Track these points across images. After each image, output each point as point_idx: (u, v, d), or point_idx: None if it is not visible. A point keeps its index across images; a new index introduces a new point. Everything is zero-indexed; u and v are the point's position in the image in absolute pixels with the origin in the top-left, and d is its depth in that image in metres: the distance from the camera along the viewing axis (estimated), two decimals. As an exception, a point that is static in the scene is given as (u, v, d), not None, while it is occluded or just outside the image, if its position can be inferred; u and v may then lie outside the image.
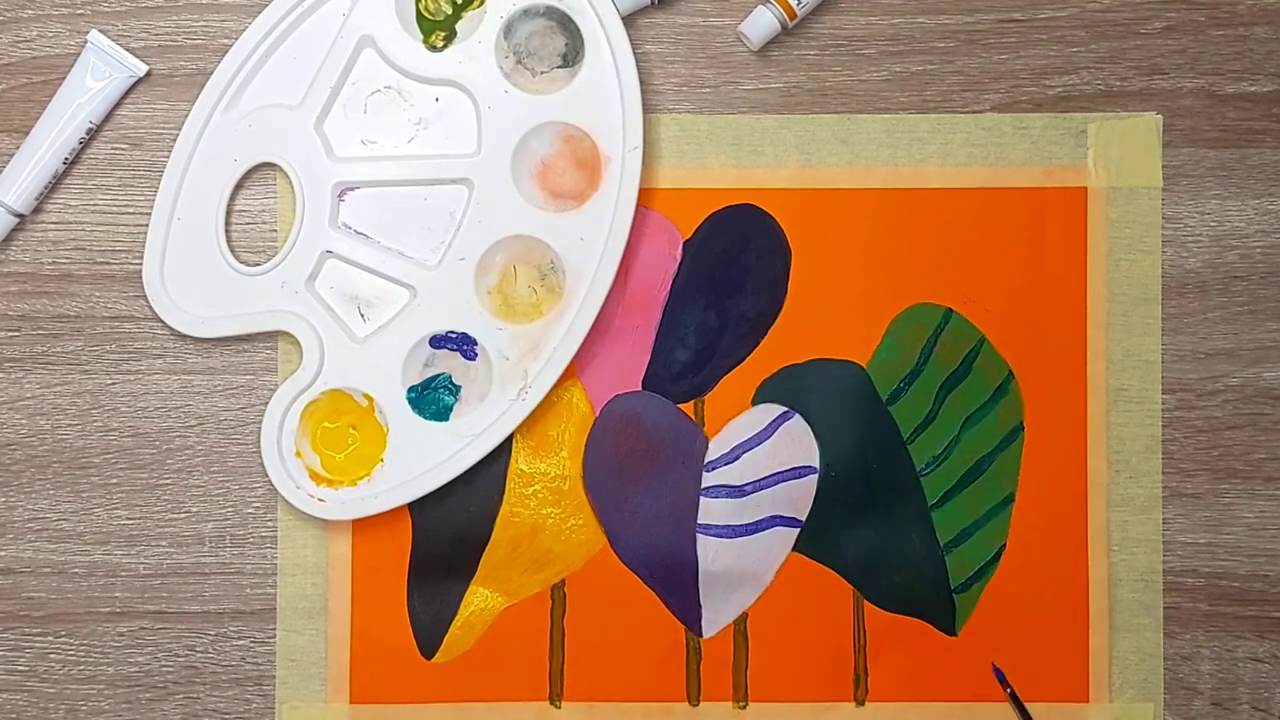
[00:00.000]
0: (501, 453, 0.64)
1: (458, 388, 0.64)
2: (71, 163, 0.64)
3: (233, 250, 0.64)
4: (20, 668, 0.64)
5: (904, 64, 0.65)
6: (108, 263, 0.64)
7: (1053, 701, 0.65)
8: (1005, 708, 0.64)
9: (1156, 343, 0.65)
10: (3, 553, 0.64)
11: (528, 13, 0.63)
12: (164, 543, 0.65)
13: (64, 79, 0.64)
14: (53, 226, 0.65)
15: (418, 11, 0.64)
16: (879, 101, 0.65)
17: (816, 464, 0.65)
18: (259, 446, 0.64)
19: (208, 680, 0.65)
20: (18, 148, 0.63)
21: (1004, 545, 0.65)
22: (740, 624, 0.65)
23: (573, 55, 0.64)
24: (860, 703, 0.65)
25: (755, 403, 0.65)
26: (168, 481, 0.65)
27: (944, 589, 0.65)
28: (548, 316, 0.63)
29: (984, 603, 0.65)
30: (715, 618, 0.65)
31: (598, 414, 0.65)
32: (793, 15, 0.64)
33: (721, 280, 0.65)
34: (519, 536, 0.65)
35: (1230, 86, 0.65)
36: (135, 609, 0.64)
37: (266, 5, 0.64)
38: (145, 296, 0.64)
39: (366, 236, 0.64)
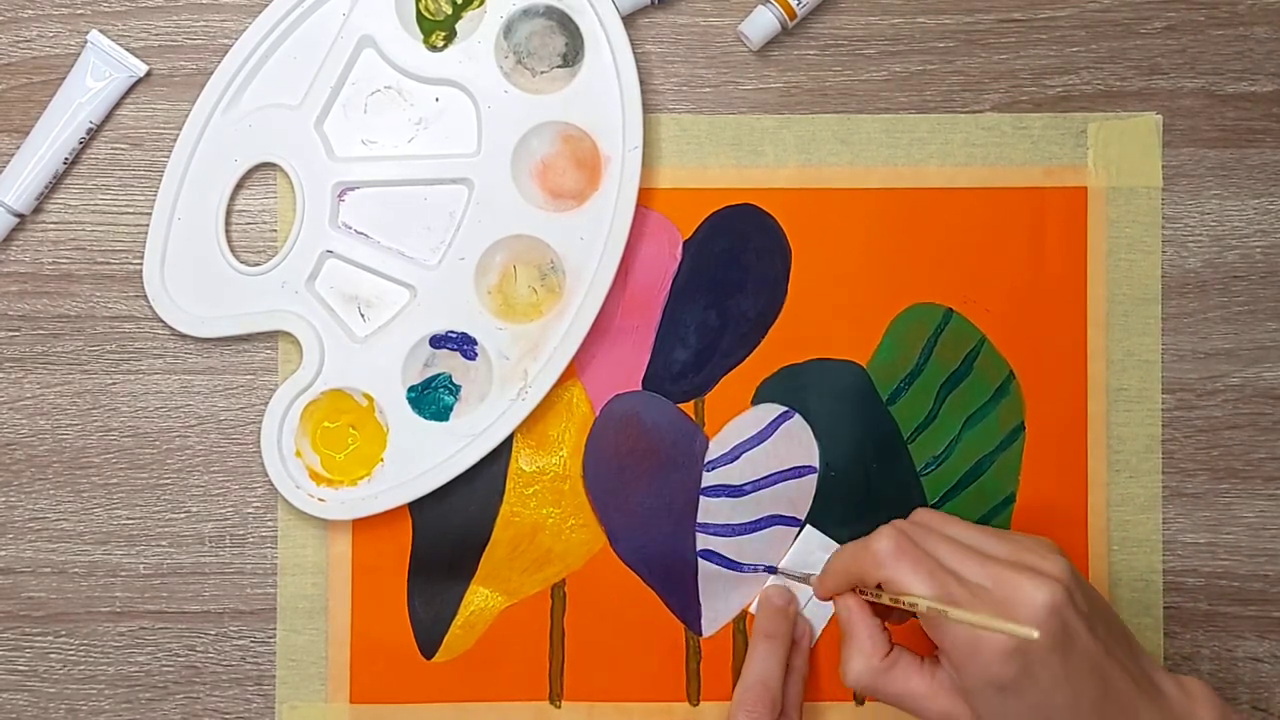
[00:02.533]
0: (501, 452, 0.64)
1: (458, 388, 0.64)
2: (71, 163, 0.64)
3: (233, 250, 0.64)
4: (20, 668, 0.64)
5: (904, 64, 0.65)
6: (108, 263, 0.64)
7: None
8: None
9: (1156, 343, 0.65)
10: (3, 553, 0.64)
11: (528, 12, 0.63)
12: (164, 543, 0.65)
13: (64, 79, 0.64)
14: (53, 226, 0.65)
15: (418, 11, 0.64)
16: (879, 101, 0.65)
17: (816, 464, 0.65)
18: (259, 446, 0.64)
19: (208, 680, 0.65)
20: (18, 148, 0.63)
21: (1004, 545, 0.65)
22: (740, 623, 0.65)
23: (573, 55, 0.64)
24: (860, 702, 0.65)
25: (755, 403, 0.65)
26: (168, 481, 0.65)
27: (944, 589, 0.65)
28: (548, 316, 0.63)
29: (984, 602, 0.65)
30: (715, 616, 0.65)
31: (598, 414, 0.65)
32: (793, 15, 0.64)
33: (721, 280, 0.65)
34: (519, 536, 0.65)
35: (1230, 86, 0.65)
36: (135, 609, 0.64)
37: (266, 5, 0.64)
38: (145, 296, 0.64)
39: (366, 236, 0.64)
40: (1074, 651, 0.52)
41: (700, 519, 0.65)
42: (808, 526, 0.64)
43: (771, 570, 0.65)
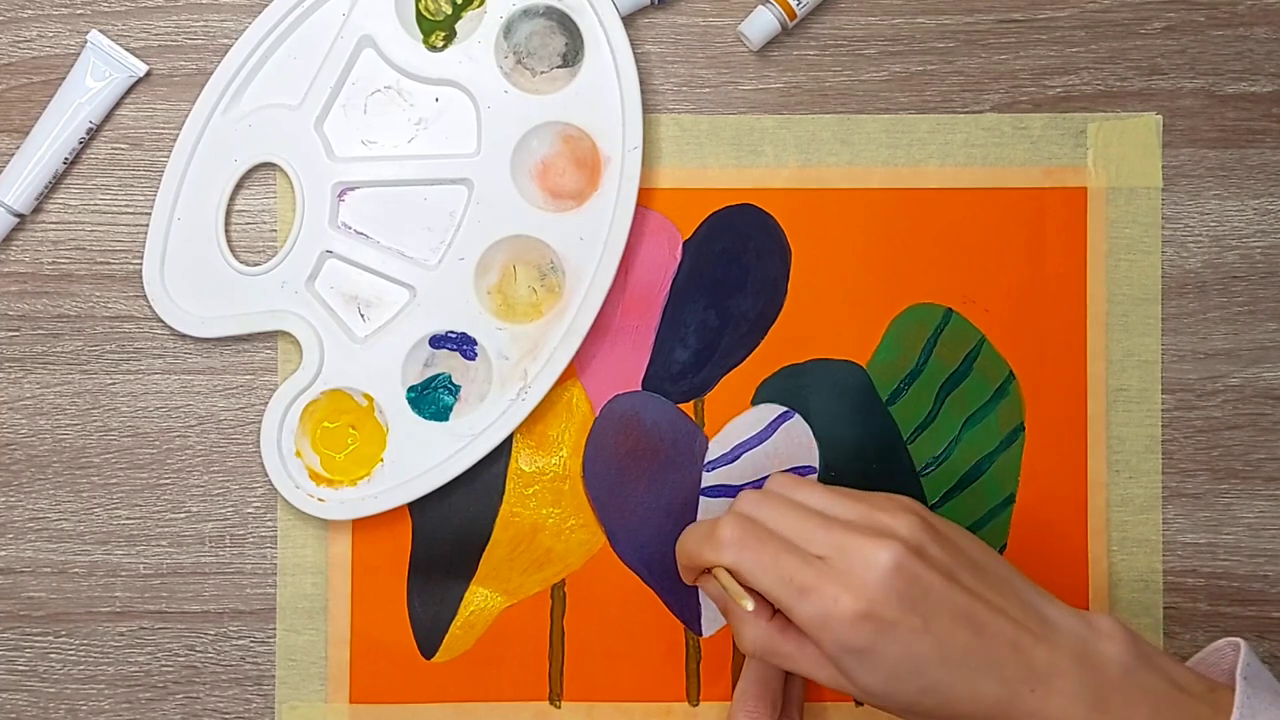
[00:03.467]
0: (501, 453, 0.64)
1: (457, 388, 0.64)
2: (71, 163, 0.64)
3: (233, 250, 0.64)
4: (20, 668, 0.64)
5: (904, 64, 0.65)
6: (108, 263, 0.65)
7: (1052, 701, 0.64)
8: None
9: (1156, 343, 0.65)
10: (3, 553, 0.64)
11: (528, 13, 0.63)
12: (164, 543, 0.65)
13: (64, 79, 0.64)
14: (53, 226, 0.65)
15: (418, 11, 0.64)
16: (879, 101, 0.65)
17: (816, 464, 0.65)
18: (259, 446, 0.64)
19: (208, 680, 0.65)
20: (18, 148, 0.63)
21: (1004, 546, 0.65)
22: (740, 624, 0.65)
23: (573, 55, 0.64)
24: (859, 703, 0.65)
25: (755, 403, 0.65)
26: (168, 481, 0.65)
27: (944, 589, 0.65)
28: (547, 316, 0.63)
29: (984, 603, 0.65)
30: (715, 616, 0.65)
31: (598, 414, 0.65)
32: (793, 15, 0.64)
33: (721, 280, 0.65)
34: (519, 536, 0.65)
35: (1230, 86, 0.65)
36: (135, 609, 0.64)
37: (266, 5, 0.64)
38: (145, 296, 0.64)
39: (366, 236, 0.64)
40: (930, 604, 0.52)
41: (700, 519, 0.64)
42: None
43: None
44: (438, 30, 0.64)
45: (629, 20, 0.64)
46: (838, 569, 0.52)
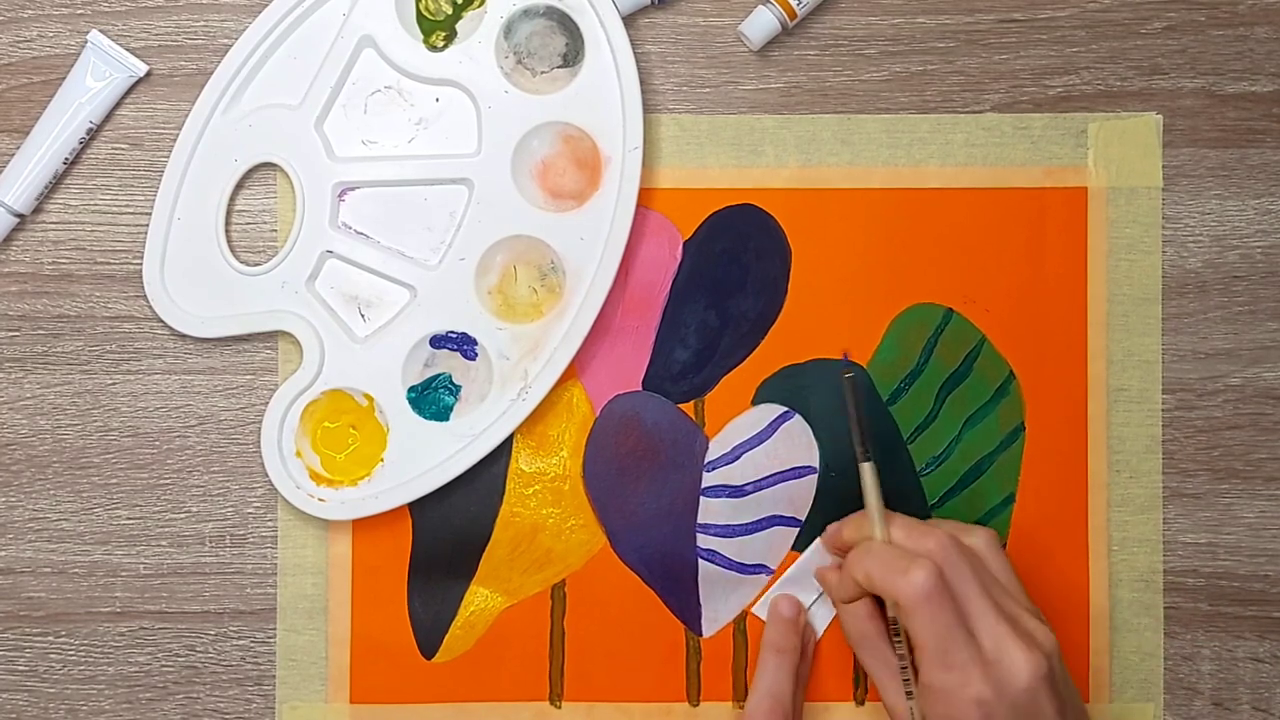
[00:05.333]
0: (501, 453, 0.64)
1: (458, 388, 0.64)
2: (71, 163, 0.64)
3: (233, 250, 0.64)
4: (20, 668, 0.64)
5: (904, 64, 0.65)
6: (108, 263, 0.64)
7: (1053, 701, 0.65)
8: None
9: (1156, 343, 0.65)
10: (3, 553, 0.64)
11: (528, 13, 0.63)
12: (164, 543, 0.65)
13: (64, 79, 0.64)
14: (53, 226, 0.65)
15: (418, 11, 0.64)
16: (879, 101, 0.65)
17: (816, 464, 0.65)
18: (259, 446, 0.64)
19: (208, 680, 0.65)
20: (18, 148, 0.63)
21: (1004, 545, 0.65)
22: (740, 623, 0.65)
23: (573, 55, 0.64)
24: (860, 702, 0.65)
25: (755, 403, 0.65)
26: (168, 481, 0.65)
27: (944, 589, 0.65)
28: (548, 316, 0.63)
29: (984, 603, 0.65)
30: (715, 617, 0.65)
31: (598, 414, 0.65)
32: (793, 15, 0.64)
33: (721, 280, 0.65)
34: (519, 536, 0.65)
35: (1230, 86, 0.65)
36: (135, 609, 0.64)
37: (266, 5, 0.64)
38: (145, 296, 0.64)
39: (366, 236, 0.64)
40: None
41: (701, 519, 0.65)
42: (816, 541, 0.64)
43: (768, 570, 0.65)
44: (438, 30, 0.64)
45: (629, 20, 0.64)
46: (987, 660, 0.55)
